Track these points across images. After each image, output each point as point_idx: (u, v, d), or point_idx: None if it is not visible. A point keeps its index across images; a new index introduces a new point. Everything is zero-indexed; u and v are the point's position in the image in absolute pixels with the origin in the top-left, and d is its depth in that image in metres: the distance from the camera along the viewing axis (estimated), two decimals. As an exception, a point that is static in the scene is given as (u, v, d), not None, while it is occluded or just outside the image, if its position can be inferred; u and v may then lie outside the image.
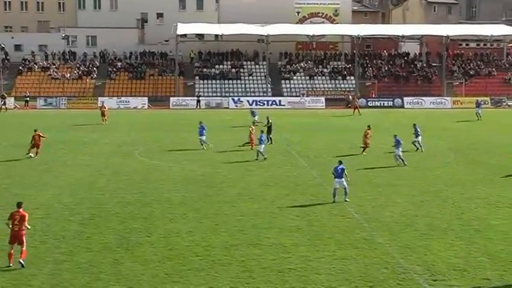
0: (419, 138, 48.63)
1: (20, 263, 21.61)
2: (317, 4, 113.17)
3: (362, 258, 22.85)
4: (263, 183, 36.04)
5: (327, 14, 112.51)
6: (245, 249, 23.74)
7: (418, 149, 48.29)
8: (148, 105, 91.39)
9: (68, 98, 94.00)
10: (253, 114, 64.58)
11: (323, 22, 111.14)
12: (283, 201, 31.70)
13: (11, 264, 21.70)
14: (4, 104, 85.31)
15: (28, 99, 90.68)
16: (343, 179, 31.79)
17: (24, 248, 21.96)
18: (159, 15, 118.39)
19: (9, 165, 41.87)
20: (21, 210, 22.37)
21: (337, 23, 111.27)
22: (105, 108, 71.47)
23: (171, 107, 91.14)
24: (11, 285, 20.18)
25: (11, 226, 22.09)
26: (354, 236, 25.51)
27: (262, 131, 46.90)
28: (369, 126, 48.54)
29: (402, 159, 41.78)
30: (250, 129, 49.00)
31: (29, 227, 22.85)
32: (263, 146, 44.70)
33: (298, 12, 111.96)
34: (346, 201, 31.43)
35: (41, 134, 45.62)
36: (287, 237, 25.32)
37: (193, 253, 23.28)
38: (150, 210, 29.54)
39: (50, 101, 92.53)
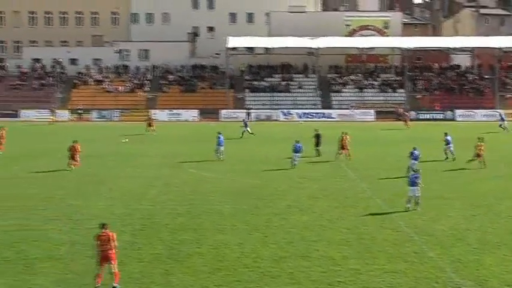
0: (451, 146, 49.63)
1: (114, 287, 20.94)
2: (367, 17, 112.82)
3: (412, 272, 22.55)
4: (312, 196, 35.89)
5: (377, 27, 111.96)
6: (294, 262, 23.62)
7: (447, 158, 48.62)
8: (199, 118, 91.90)
9: (120, 110, 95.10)
10: (245, 125, 67.99)
11: (373, 35, 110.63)
12: (333, 213, 31.51)
13: (98, 285, 20.89)
14: (53, 116, 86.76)
15: (82, 111, 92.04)
16: (416, 188, 32.32)
17: (116, 270, 21.17)
18: (210, 28, 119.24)
19: (63, 176, 42.42)
20: (107, 230, 21.56)
21: (387, 36, 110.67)
22: (152, 119, 72.49)
23: (221, 119, 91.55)
24: (64, 295, 20.40)
25: (98, 247, 21.34)
26: (404, 250, 25.20)
27: (296, 141, 47.28)
28: (479, 138, 48.23)
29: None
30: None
31: (117, 245, 21.72)
32: (298, 154, 46.16)
33: (348, 25, 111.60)
34: (415, 210, 31.69)
35: (78, 147, 45.67)
36: (336, 250, 25.13)
37: (242, 265, 23.25)
38: (200, 222, 29.61)
39: (103, 114, 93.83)
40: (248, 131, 66.41)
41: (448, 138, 49.85)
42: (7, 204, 33.31)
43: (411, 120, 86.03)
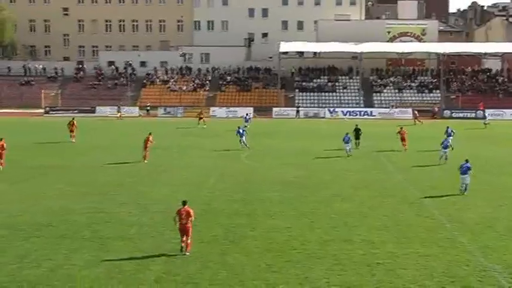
0: (450, 139, 48.95)
1: (182, 249, 22.24)
2: (406, 24, 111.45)
3: (445, 256, 22.30)
4: (354, 186, 35.69)
5: (415, 34, 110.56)
6: (337, 245, 23.55)
7: (452, 148, 47.36)
8: (254, 115, 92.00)
9: (184, 107, 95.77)
10: (246, 120, 70.39)
11: (411, 41, 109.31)
12: (373, 202, 31.31)
13: (182, 249, 22.33)
14: (119, 112, 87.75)
15: (149, 108, 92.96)
16: (467, 175, 33.35)
17: (189, 241, 22.42)
18: (264, 35, 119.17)
19: (133, 167, 42.93)
20: (186, 207, 22.69)
21: (424, 42, 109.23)
22: (202, 114, 75.77)
23: (273, 116, 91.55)
24: (134, 269, 20.63)
25: (178, 221, 22.52)
26: (437, 236, 24.92)
27: (346, 133, 48.65)
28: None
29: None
30: None
31: (194, 219, 22.94)
32: (349, 144, 48.04)
33: (388, 32, 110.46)
34: (464, 194, 32.80)
35: (150, 139, 45.73)
36: (376, 234, 24.97)
37: (291, 247, 23.25)
38: (253, 208, 29.68)
39: (168, 110, 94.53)
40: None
41: (449, 131, 50.50)
42: (83, 190, 33.86)
43: (444, 118, 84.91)
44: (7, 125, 71.92)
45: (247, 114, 75.10)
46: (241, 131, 52.77)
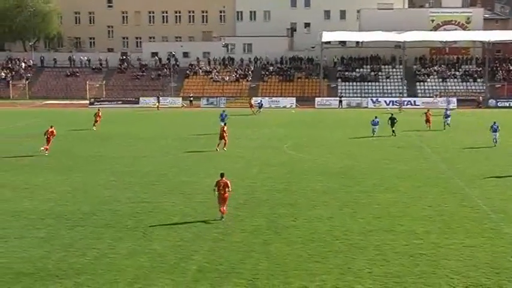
0: (496, 134, 47.79)
1: (222, 216, 25.45)
2: (450, 13, 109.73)
3: (489, 246, 21.98)
4: (397, 176, 35.38)
5: (459, 22, 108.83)
6: (380, 235, 23.39)
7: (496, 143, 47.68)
8: (296, 105, 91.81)
9: (226, 98, 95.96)
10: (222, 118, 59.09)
11: (456, 29, 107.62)
12: (416, 192, 31.00)
13: (223, 217, 25.44)
14: (158, 102, 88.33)
15: (192, 99, 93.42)
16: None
17: (225, 208, 25.60)
18: (307, 24, 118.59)
19: (177, 157, 43.21)
20: (224, 178, 25.87)
21: (469, 30, 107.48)
22: (252, 102, 78.76)
23: (316, 106, 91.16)
24: (177, 258, 20.79)
25: (217, 191, 25.59)
26: (482, 226, 24.57)
27: (376, 116, 53.81)
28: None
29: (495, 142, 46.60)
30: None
31: (231, 191, 26.02)
32: (376, 127, 53.42)
33: (432, 20, 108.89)
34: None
35: (225, 129, 46.06)
36: (419, 225, 24.73)
37: (333, 237, 23.17)
38: (295, 198, 29.65)
39: (211, 101, 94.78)
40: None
41: (495, 126, 47.94)
42: (127, 180, 34.22)
43: (489, 107, 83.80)
44: (54, 115, 73.00)
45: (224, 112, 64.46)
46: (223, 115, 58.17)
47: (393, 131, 54.22)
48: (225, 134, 45.86)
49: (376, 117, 55.27)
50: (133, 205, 28.16)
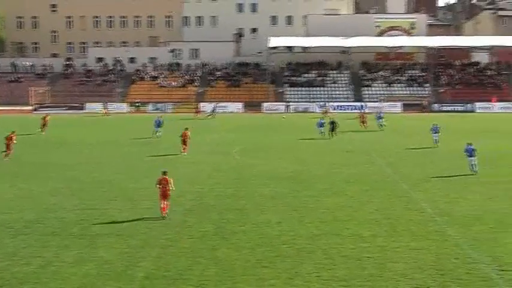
0: (437, 135, 50.42)
1: (164, 214, 26.52)
2: (395, 19, 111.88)
3: (434, 249, 22.34)
4: (345, 180, 35.73)
5: (404, 28, 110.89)
6: (328, 239, 23.56)
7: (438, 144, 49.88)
8: (243, 110, 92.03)
9: (173, 103, 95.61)
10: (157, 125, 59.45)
11: (400, 35, 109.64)
12: (363, 196, 31.34)
13: (164, 214, 26.42)
14: (106, 108, 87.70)
15: (138, 104, 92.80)
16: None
17: (166, 205, 26.72)
18: (254, 30, 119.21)
19: (123, 163, 42.82)
20: (166, 176, 27.06)
21: (413, 35, 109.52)
22: (199, 108, 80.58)
23: (263, 111, 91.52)
24: (124, 266, 20.58)
25: (159, 187, 26.80)
26: (427, 229, 24.97)
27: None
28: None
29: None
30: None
31: (174, 188, 27.23)
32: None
33: (377, 26, 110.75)
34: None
35: (188, 133, 47.30)
36: (366, 228, 25.00)
37: (281, 241, 23.25)
38: (243, 203, 29.66)
39: (158, 106, 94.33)
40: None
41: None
42: (74, 187, 33.75)
43: (434, 111, 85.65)
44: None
45: (160, 117, 63.51)
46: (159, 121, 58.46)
47: (332, 134, 56.72)
48: (187, 139, 46.93)
49: (322, 119, 58.71)
50: (79, 212, 27.77)
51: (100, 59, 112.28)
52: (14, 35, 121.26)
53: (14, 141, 44.66)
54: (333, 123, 57.43)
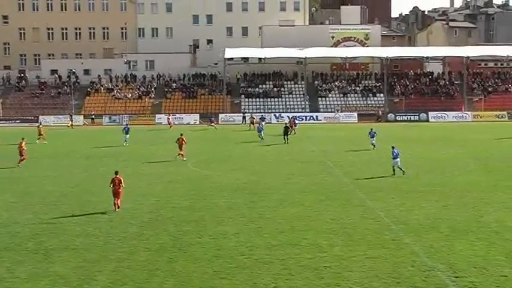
0: (374, 139, 55.13)
1: (115, 210, 30.07)
2: (350, 29, 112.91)
3: (390, 257, 22.59)
4: (301, 190, 35.90)
5: (358, 38, 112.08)
6: (285, 249, 23.63)
7: (375, 147, 54.46)
8: (200, 121, 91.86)
9: (129, 115, 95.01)
10: (126, 132, 61.97)
11: (355, 45, 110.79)
12: (320, 206, 31.53)
13: (116, 210, 30.04)
14: (71, 121, 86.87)
15: (94, 117, 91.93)
16: (397, 159, 40.17)
17: (120, 200, 30.39)
18: (209, 41, 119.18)
19: (78, 176, 42.35)
20: (118, 176, 30.59)
21: (368, 46, 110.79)
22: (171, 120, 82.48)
23: (220, 122, 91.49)
24: (80, 280, 20.34)
25: (112, 186, 30.24)
26: (383, 237, 25.24)
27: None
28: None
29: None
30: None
31: (124, 186, 30.72)
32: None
33: (332, 37, 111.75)
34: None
35: (184, 139, 49.84)
36: (323, 238, 25.15)
37: (239, 253, 23.25)
38: (200, 215, 29.59)
39: (113, 118, 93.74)
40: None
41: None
42: (27, 201, 33.26)
43: (389, 121, 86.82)
44: None
45: (127, 125, 69.87)
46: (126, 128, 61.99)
47: (286, 138, 60.91)
48: (183, 144, 49.49)
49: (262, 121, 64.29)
50: (33, 226, 27.37)
51: (54, 71, 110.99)
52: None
53: (24, 148, 47.67)
54: (286, 127, 62.77)
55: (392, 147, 41.51)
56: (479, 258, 22.31)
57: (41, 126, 67.51)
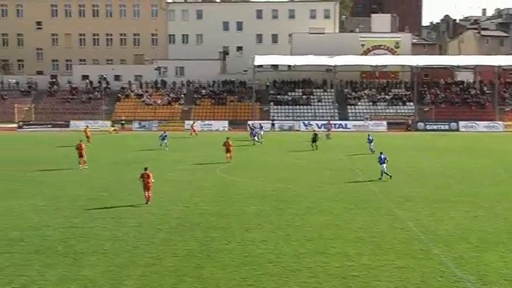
0: (372, 144, 57.92)
1: (147, 201, 33.22)
2: (380, 38, 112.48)
3: (419, 267, 22.40)
4: (330, 198, 35.77)
5: (388, 46, 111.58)
6: (313, 257, 23.56)
7: (373, 152, 55.51)
8: (229, 128, 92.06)
9: (158, 121, 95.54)
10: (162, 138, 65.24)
11: (385, 53, 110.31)
12: (348, 214, 31.39)
13: (148, 203, 33.08)
14: (113, 127, 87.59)
15: (124, 122, 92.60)
16: (384, 165, 41.56)
17: (150, 194, 33.33)
18: (239, 48, 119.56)
19: (106, 180, 42.64)
20: (147, 171, 33.40)
21: (398, 54, 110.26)
22: (195, 128, 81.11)
23: (248, 129, 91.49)
24: (108, 284, 20.48)
25: (142, 181, 33.29)
26: (412, 247, 25.04)
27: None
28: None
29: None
30: None
31: (153, 181, 33.68)
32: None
33: (362, 45, 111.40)
34: (383, 179, 41.50)
35: (230, 142, 52.33)
36: (351, 247, 25.03)
37: (266, 260, 23.22)
38: (228, 221, 29.62)
39: (143, 124, 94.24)
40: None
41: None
42: (57, 205, 33.57)
43: (419, 130, 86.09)
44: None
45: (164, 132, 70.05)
46: (163, 135, 64.67)
47: (315, 146, 61.94)
48: (230, 147, 52.03)
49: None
50: (63, 230, 27.62)
51: (85, 77, 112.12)
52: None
53: (84, 149, 49.69)
54: (315, 135, 63.56)
55: (381, 153, 43.39)
56: (510, 271, 22.03)
57: (87, 129, 69.69)
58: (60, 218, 30.24)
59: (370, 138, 59.75)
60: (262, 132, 73.01)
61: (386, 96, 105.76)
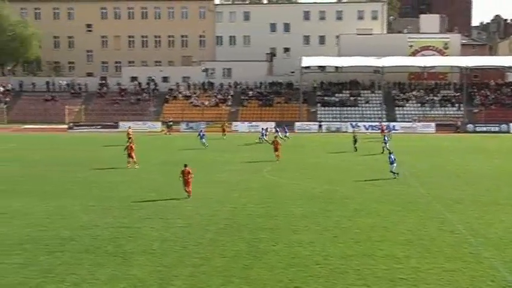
0: (388, 144, 58.47)
1: (188, 195, 35.27)
2: (428, 38, 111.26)
3: (469, 271, 22.10)
4: (377, 200, 35.52)
5: (437, 47, 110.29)
6: (360, 260, 23.44)
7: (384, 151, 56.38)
8: (275, 129, 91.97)
9: (206, 122, 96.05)
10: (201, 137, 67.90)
11: (434, 54, 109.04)
12: (396, 216, 31.13)
13: (189, 196, 35.18)
14: (167, 128, 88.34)
15: (171, 123, 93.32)
16: (394, 165, 42.73)
17: (190, 189, 35.26)
18: (286, 49, 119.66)
19: (156, 181, 43.07)
20: (187, 168, 35.32)
21: (447, 55, 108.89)
22: (226, 126, 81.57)
23: (296, 131, 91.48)
24: (157, 284, 20.70)
25: (182, 177, 35.25)
26: (462, 250, 24.71)
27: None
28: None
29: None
30: None
31: (193, 176, 35.58)
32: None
33: (410, 46, 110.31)
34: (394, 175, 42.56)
35: (278, 141, 55.08)
36: (399, 249, 24.82)
37: (313, 261, 23.18)
38: (276, 223, 29.64)
39: (190, 125, 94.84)
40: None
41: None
42: (106, 205, 34.04)
43: (468, 132, 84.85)
44: (33, 140, 72.56)
45: (201, 130, 73.61)
46: (201, 134, 67.73)
47: (355, 147, 61.89)
48: (278, 146, 53.73)
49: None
50: (112, 230, 28.01)
51: (134, 78, 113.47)
52: (50, 55, 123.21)
53: (133, 149, 50.64)
54: (355, 136, 64.26)
55: (390, 153, 44.83)
56: (562, 275, 21.59)
57: (130, 130, 69.37)
58: (109, 217, 30.67)
59: (385, 137, 61.68)
60: (266, 137, 71.96)
61: (435, 98, 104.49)
